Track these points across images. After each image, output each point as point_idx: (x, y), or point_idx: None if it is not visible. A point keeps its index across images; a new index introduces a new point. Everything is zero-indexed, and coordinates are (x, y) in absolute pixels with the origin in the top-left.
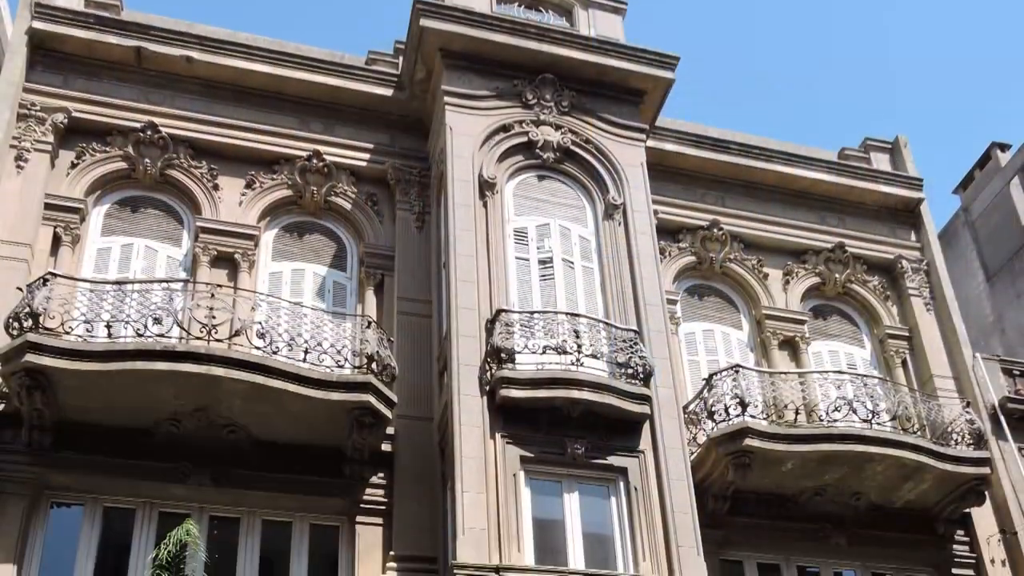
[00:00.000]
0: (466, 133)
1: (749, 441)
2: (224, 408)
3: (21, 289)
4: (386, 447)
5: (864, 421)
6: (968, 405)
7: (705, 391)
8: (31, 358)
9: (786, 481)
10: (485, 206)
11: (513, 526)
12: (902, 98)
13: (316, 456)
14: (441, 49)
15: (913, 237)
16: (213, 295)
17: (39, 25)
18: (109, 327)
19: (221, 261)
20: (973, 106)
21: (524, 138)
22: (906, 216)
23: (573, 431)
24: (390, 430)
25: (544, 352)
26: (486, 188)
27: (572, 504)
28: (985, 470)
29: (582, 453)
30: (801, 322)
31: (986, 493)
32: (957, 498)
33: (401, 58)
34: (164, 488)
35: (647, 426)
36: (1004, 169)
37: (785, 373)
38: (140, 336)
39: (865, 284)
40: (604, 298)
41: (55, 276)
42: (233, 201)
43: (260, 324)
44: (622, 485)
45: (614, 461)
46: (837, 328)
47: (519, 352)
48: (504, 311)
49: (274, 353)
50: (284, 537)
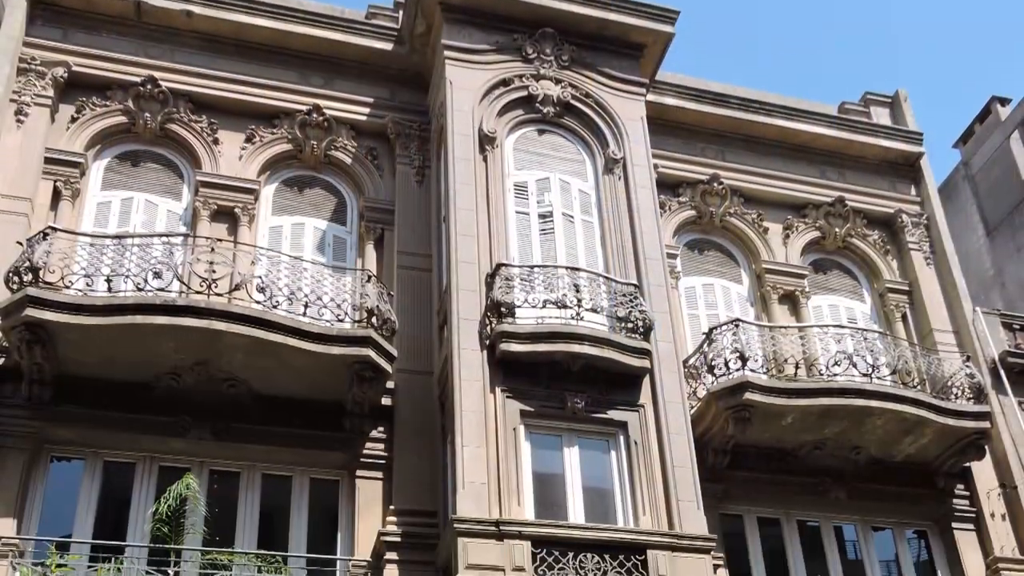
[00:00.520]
0: (466, 87)
1: (749, 395)
2: (224, 362)
3: (21, 243)
4: (386, 401)
5: (864, 375)
6: (968, 359)
7: (705, 345)
8: (31, 312)
9: (786, 435)
10: (485, 160)
11: (513, 480)
12: (902, 52)
13: (316, 410)
14: (441, 3)
15: (913, 191)
16: (213, 249)
17: None
18: (109, 281)
19: (221, 215)
20: (973, 60)
21: (524, 92)
22: (906, 170)
23: (573, 385)
24: (390, 384)
25: (544, 306)
26: (486, 142)
27: (572, 458)
28: (985, 424)
29: (582, 407)
30: (801, 276)
31: (986, 447)
32: (957, 452)
33: (401, 12)
34: (164, 442)
35: (647, 380)
36: (1004, 123)
37: (785, 327)
38: (140, 290)
39: (865, 238)
40: (604, 252)
41: (55, 230)
42: (233, 155)
43: (260, 278)
44: (622, 439)
45: (614, 415)
46: (837, 282)
47: (519, 306)
48: (504, 265)
49: (274, 307)
50: (284, 491)
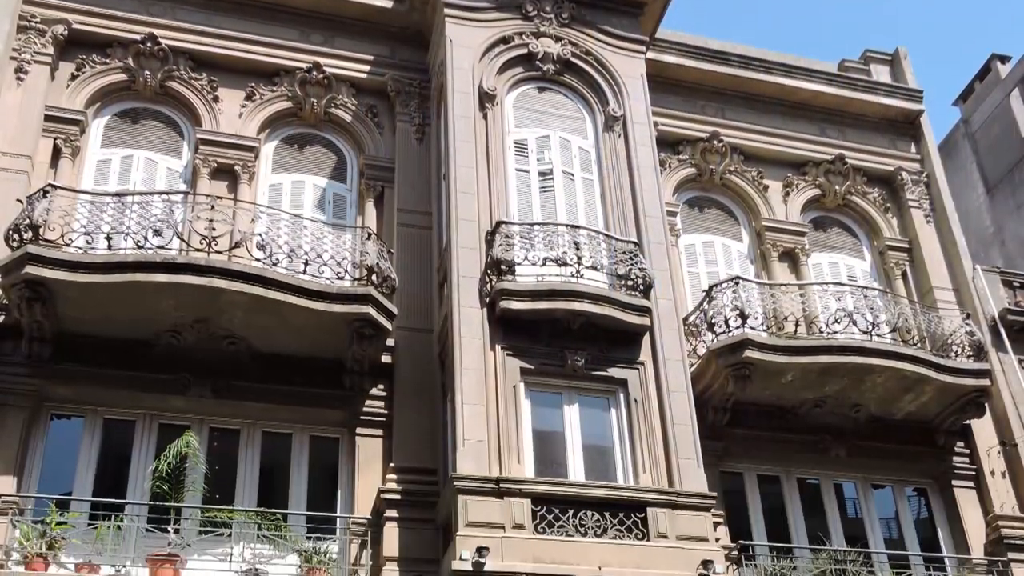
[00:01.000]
0: (466, 45)
1: (749, 353)
2: (224, 320)
3: (21, 201)
4: (386, 359)
5: (864, 333)
6: (968, 317)
7: (705, 303)
8: (31, 270)
9: (786, 393)
10: (485, 118)
11: (513, 438)
12: (902, 10)
13: (316, 368)
14: None
15: (913, 149)
16: (213, 207)
17: None
18: (109, 239)
19: (221, 173)
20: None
21: (524, 50)
22: (906, 128)
23: (573, 343)
24: (390, 342)
25: (544, 264)
26: (486, 100)
27: (572, 416)
28: (985, 382)
29: (582, 365)
30: (801, 234)
31: (986, 405)
32: (957, 410)
33: None
34: (164, 400)
35: (647, 338)
36: (1004, 81)
37: (785, 285)
38: (140, 248)
39: (865, 196)
40: (604, 210)
41: (55, 188)
42: (233, 113)
43: (260, 236)
44: (622, 397)
45: (614, 373)
46: (837, 240)
47: (519, 264)
48: (504, 223)
49: (274, 265)
50: (284, 449)
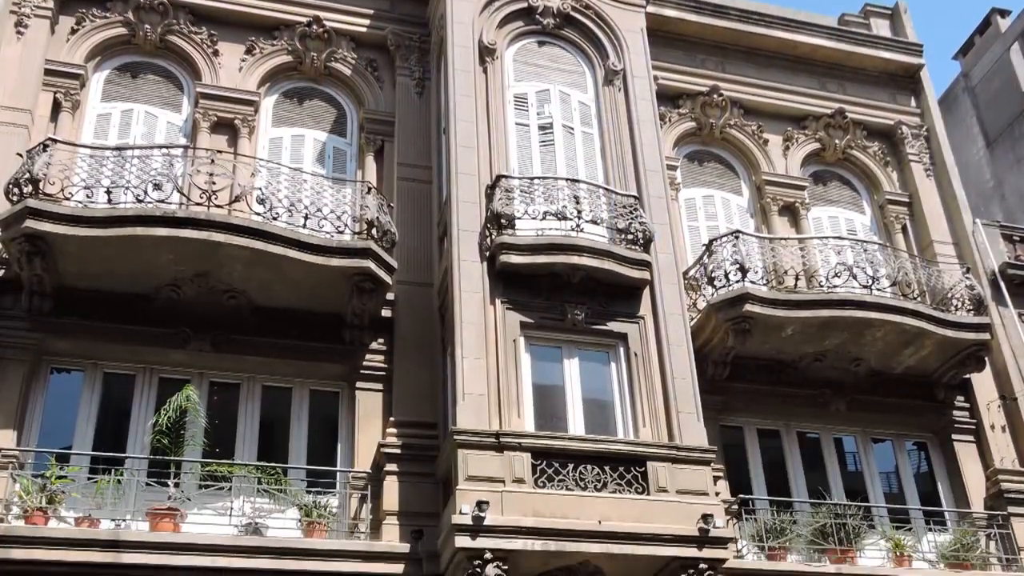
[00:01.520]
0: None
1: (749, 307)
2: (224, 274)
3: (21, 155)
4: (386, 313)
5: (864, 287)
6: (968, 271)
7: (705, 257)
8: (31, 224)
9: (786, 347)
10: (485, 72)
11: (513, 392)
12: None
13: (316, 322)
14: None
15: (913, 103)
16: (213, 161)
17: None
18: (109, 193)
19: (221, 127)
20: None
21: (524, 4)
22: (906, 82)
23: (573, 297)
24: (390, 296)
25: (544, 218)
26: (486, 54)
27: (572, 370)
28: (985, 336)
29: (582, 319)
30: (801, 188)
31: (986, 359)
32: (957, 364)
33: None
34: (164, 354)
35: (647, 292)
36: (1004, 35)
37: (785, 239)
38: (140, 202)
39: (865, 150)
40: (604, 164)
41: (55, 142)
42: (233, 67)
43: (260, 190)
44: (622, 351)
45: (614, 327)
46: (837, 194)
47: (519, 218)
48: (504, 177)
49: (274, 219)
50: (284, 403)
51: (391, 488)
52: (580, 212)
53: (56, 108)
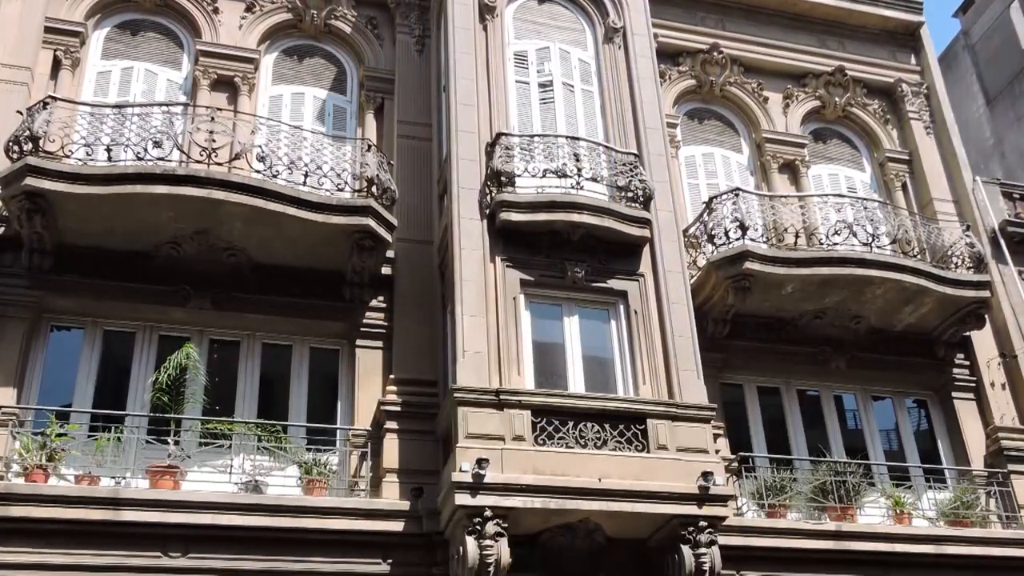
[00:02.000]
0: None
1: (749, 264)
2: (224, 231)
3: (21, 112)
4: (386, 270)
5: (864, 244)
6: (968, 228)
7: (705, 214)
8: (31, 181)
9: (786, 304)
10: (485, 29)
11: (513, 349)
12: None
13: (316, 279)
14: None
15: (913, 61)
16: (213, 118)
17: None
18: (109, 151)
19: (221, 84)
20: None
21: None
22: (906, 39)
23: (573, 254)
24: (390, 253)
25: (544, 175)
26: (486, 11)
27: (572, 327)
28: (985, 293)
29: (582, 276)
30: (801, 145)
31: (986, 316)
32: (957, 321)
33: None
34: (164, 311)
35: (647, 249)
36: None
37: (785, 196)
38: (140, 160)
39: (865, 107)
40: (604, 121)
41: (55, 99)
42: (233, 24)
43: (260, 147)
44: (622, 308)
45: (614, 284)
46: (837, 151)
47: (519, 175)
48: (504, 134)
49: (274, 176)
50: (284, 360)
51: (391, 446)
52: (580, 170)
53: (56, 66)
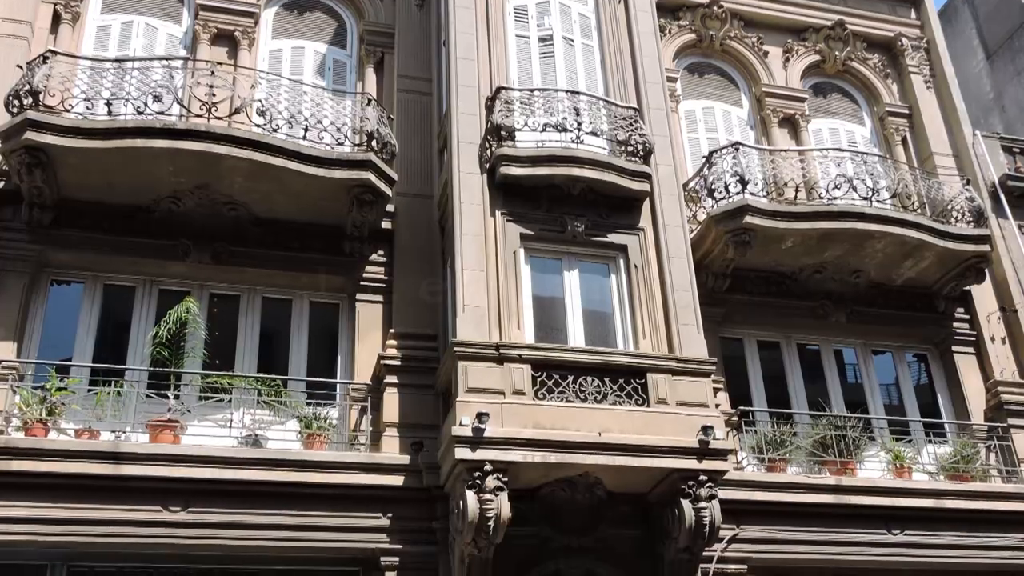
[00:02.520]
0: None
1: (749, 219)
2: (224, 186)
3: (21, 67)
4: (386, 225)
5: (864, 199)
6: (968, 183)
7: (705, 169)
8: (31, 136)
9: (786, 259)
10: None
11: (513, 304)
12: None
13: (316, 234)
14: None
15: (913, 15)
16: (213, 73)
17: None
18: (109, 105)
19: (221, 39)
20: None
21: None
22: None
23: (573, 208)
24: (390, 208)
25: (544, 130)
26: None
27: (572, 282)
28: (985, 247)
29: (582, 230)
30: (801, 100)
31: (986, 271)
32: (957, 275)
33: None
34: (164, 266)
35: (647, 204)
36: None
37: (785, 151)
38: (140, 114)
39: (865, 62)
40: (604, 76)
41: (55, 54)
42: None
43: (260, 102)
44: (622, 262)
45: (614, 239)
46: (837, 106)
47: (519, 130)
48: (504, 89)
49: (274, 131)
50: (284, 315)
51: (391, 400)
52: (580, 124)
53: (56, 20)
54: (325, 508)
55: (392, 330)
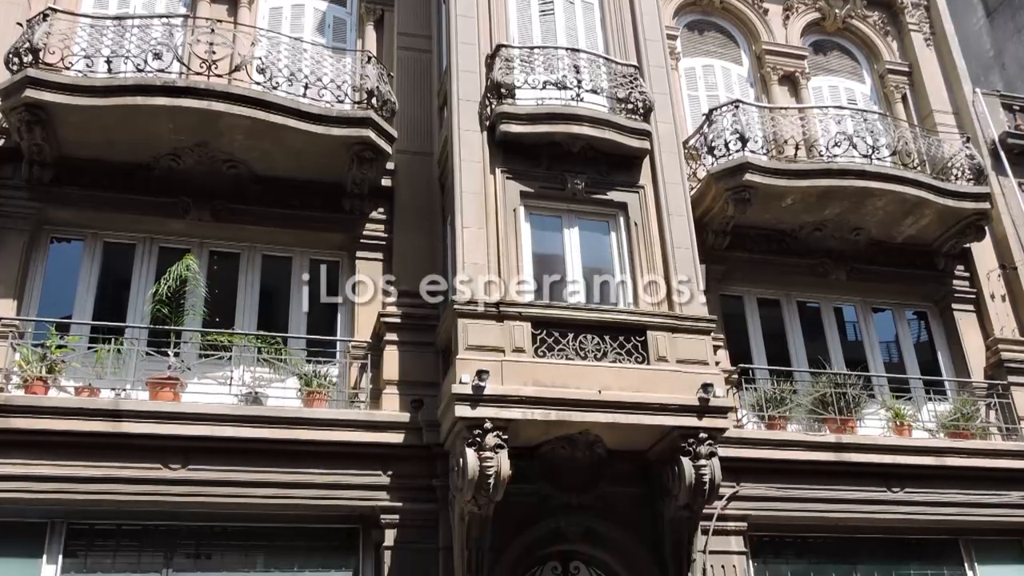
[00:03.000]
0: None
1: (749, 176)
2: (224, 143)
3: (21, 24)
4: (386, 182)
5: (864, 156)
6: (968, 140)
7: (705, 126)
8: (31, 93)
9: (786, 216)
10: None
11: (513, 261)
12: None
13: (316, 191)
14: None
15: None
16: (213, 30)
17: None
18: (109, 62)
19: None
20: None
21: None
22: None
23: (573, 166)
24: (390, 165)
25: (544, 87)
26: None
27: (572, 239)
28: (985, 205)
29: (582, 188)
30: (801, 57)
31: (986, 228)
32: (957, 233)
33: None
34: (164, 223)
35: (647, 161)
36: None
37: (785, 108)
38: (140, 71)
39: (865, 19)
40: (604, 33)
41: (55, 11)
42: None
43: (260, 59)
44: (622, 220)
45: (614, 196)
46: (837, 63)
47: (519, 87)
48: (504, 46)
49: (274, 88)
50: (284, 272)
51: (391, 358)
52: (580, 82)
53: None
54: (325, 465)
55: (392, 287)
